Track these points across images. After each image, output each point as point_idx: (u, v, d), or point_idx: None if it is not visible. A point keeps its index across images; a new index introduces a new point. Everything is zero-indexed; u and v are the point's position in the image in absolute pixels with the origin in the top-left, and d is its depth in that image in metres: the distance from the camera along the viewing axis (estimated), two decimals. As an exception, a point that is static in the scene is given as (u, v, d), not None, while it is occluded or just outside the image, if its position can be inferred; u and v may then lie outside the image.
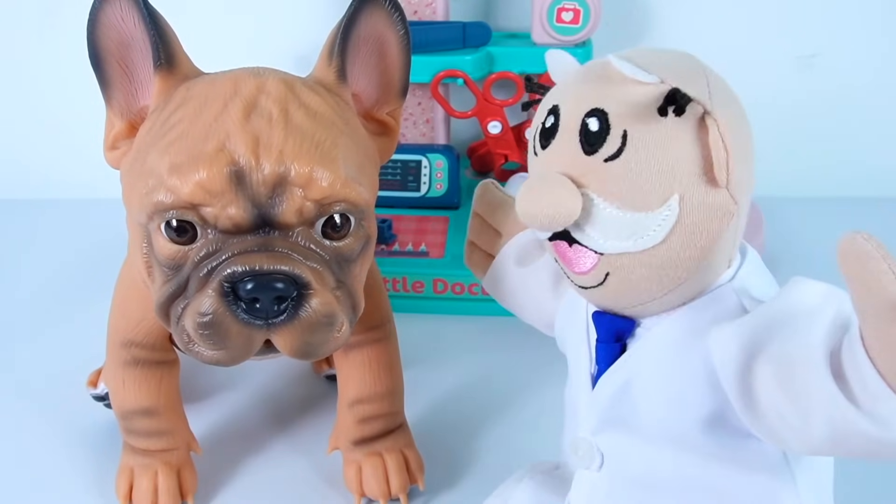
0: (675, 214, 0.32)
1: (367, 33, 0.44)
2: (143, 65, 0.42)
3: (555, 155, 0.34)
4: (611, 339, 0.37)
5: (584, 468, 0.39)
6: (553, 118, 0.35)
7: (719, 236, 0.33)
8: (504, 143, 0.80)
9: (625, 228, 0.33)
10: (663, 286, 0.34)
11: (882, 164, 0.90)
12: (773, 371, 0.32)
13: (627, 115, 0.33)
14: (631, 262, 0.34)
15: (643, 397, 0.36)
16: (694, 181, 0.32)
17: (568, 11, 0.75)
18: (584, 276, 0.35)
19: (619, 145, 0.32)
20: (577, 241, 0.34)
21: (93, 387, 0.59)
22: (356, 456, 0.52)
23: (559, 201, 0.33)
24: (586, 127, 0.33)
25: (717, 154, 0.32)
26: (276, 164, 0.38)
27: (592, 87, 0.34)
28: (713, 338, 0.34)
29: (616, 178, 0.33)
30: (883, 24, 0.87)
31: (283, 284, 0.38)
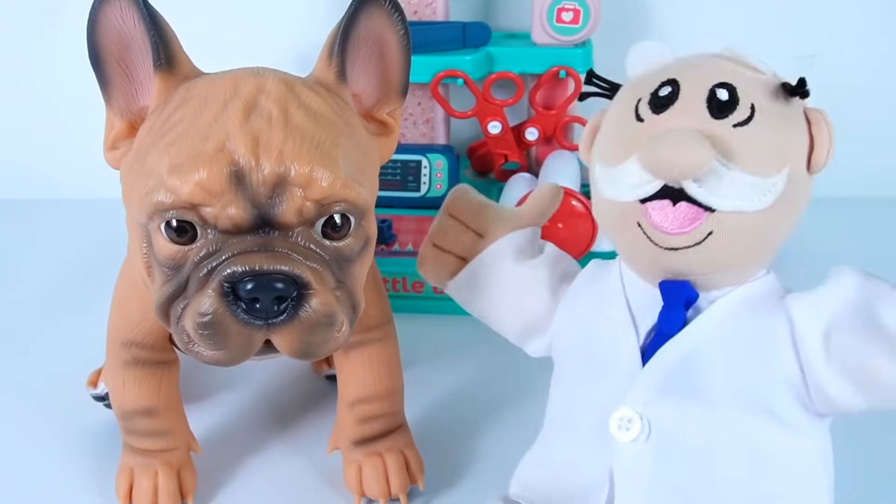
0: (782, 185, 0.36)
1: (367, 33, 0.44)
2: (143, 65, 0.42)
3: (678, 117, 0.37)
4: (680, 304, 0.39)
5: (629, 440, 0.38)
6: (670, 87, 0.38)
7: (799, 216, 0.38)
8: (504, 143, 0.80)
9: (744, 189, 0.36)
10: (752, 252, 0.38)
11: (882, 164, 0.90)
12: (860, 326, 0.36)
13: (754, 92, 0.37)
14: (737, 223, 0.36)
15: (715, 362, 0.38)
16: (799, 161, 0.37)
17: (568, 11, 0.76)
18: (682, 236, 0.37)
19: (748, 114, 0.36)
20: (689, 197, 0.36)
21: (93, 387, 0.59)
22: (356, 456, 0.52)
23: (700, 151, 0.35)
24: (715, 95, 0.37)
25: (822, 143, 0.38)
26: (276, 164, 0.38)
27: (716, 66, 0.38)
28: (795, 305, 0.38)
29: (743, 141, 0.36)
30: (883, 24, 0.87)
31: (283, 284, 0.38)
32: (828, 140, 0.38)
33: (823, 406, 0.37)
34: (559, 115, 0.79)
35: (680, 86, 0.38)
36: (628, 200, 0.38)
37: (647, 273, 0.40)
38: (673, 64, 0.40)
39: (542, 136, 0.79)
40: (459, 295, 0.49)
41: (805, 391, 0.37)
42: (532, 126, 0.79)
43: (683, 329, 0.38)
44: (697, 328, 0.38)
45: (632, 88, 0.40)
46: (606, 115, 0.41)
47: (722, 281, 0.39)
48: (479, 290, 0.47)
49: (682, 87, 0.38)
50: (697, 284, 0.39)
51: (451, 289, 0.49)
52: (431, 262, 0.49)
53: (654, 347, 0.39)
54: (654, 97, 0.38)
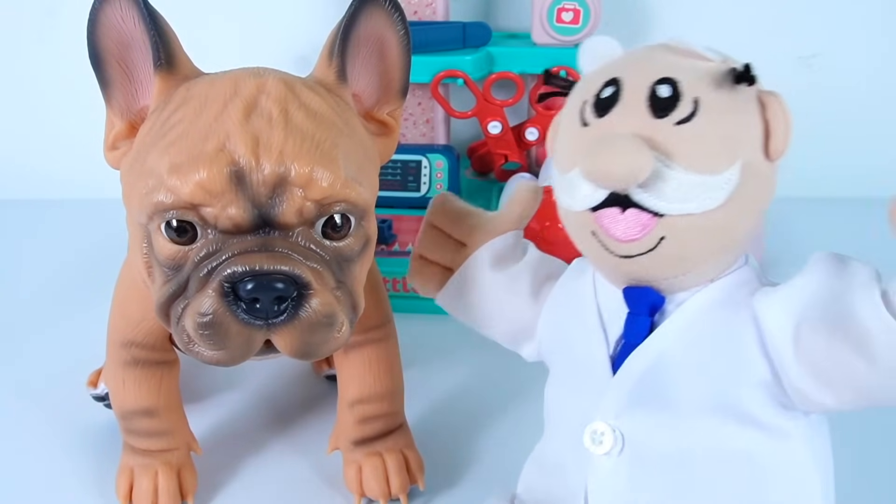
0: (735, 180, 0.34)
1: (367, 33, 0.44)
2: (143, 65, 0.42)
3: (619, 120, 0.36)
4: (644, 311, 0.38)
5: (603, 454, 0.38)
6: (613, 88, 0.36)
7: (763, 209, 0.36)
8: (504, 143, 0.80)
9: (691, 190, 0.34)
10: (710, 253, 0.36)
11: (882, 164, 0.90)
12: (831, 321, 0.34)
13: (698, 84, 0.35)
14: (689, 225, 0.35)
15: (682, 369, 0.37)
16: (755, 151, 0.35)
17: (568, 11, 0.76)
18: (633, 243, 0.36)
19: (690, 110, 0.34)
20: (636, 203, 0.35)
21: (93, 387, 0.59)
22: (356, 456, 0.52)
23: (636, 157, 0.34)
24: (655, 94, 0.35)
25: (778, 127, 0.35)
26: (276, 164, 0.38)
27: (659, 61, 0.36)
28: (762, 303, 0.36)
29: (686, 140, 0.34)
30: (883, 24, 0.87)
31: (284, 284, 0.38)
32: (783, 124, 0.35)
33: (802, 404, 0.36)
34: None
35: (621, 85, 0.36)
36: (579, 210, 0.37)
37: (612, 279, 0.39)
38: (617, 61, 0.38)
39: (542, 136, 0.79)
40: (449, 306, 0.48)
41: (780, 390, 0.36)
42: (532, 126, 0.79)
43: (648, 337, 0.37)
44: (662, 335, 0.37)
45: (578, 90, 0.39)
46: (561, 116, 0.40)
47: (685, 283, 0.37)
48: (466, 300, 0.46)
49: (623, 86, 0.36)
50: (661, 288, 0.37)
51: (441, 300, 0.48)
52: (418, 273, 0.48)
53: (623, 356, 0.38)
54: (597, 99, 0.37)
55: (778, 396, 0.36)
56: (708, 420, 0.37)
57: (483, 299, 0.46)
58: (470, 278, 0.46)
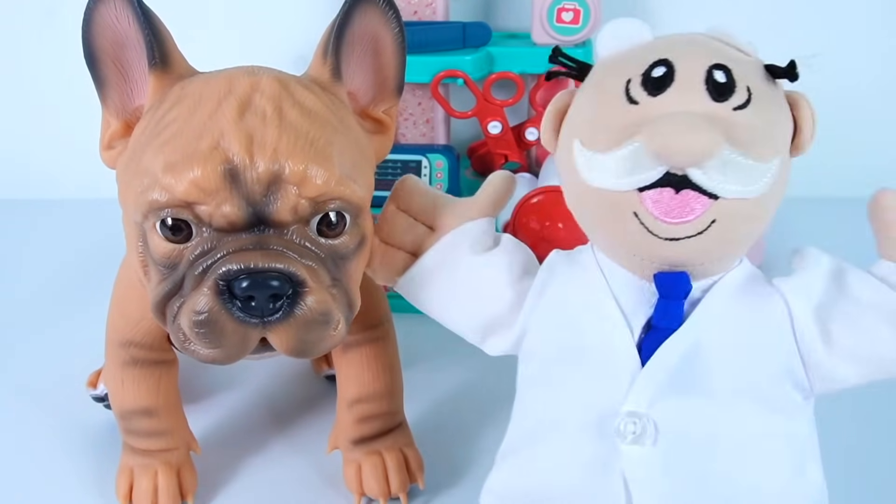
0: (777, 169, 0.36)
1: (362, 31, 0.44)
2: (138, 64, 0.42)
3: (678, 99, 0.35)
4: (680, 295, 0.37)
5: (637, 445, 0.37)
6: (664, 68, 0.36)
7: (781, 199, 0.37)
8: (504, 143, 0.80)
9: (747, 174, 0.35)
10: (746, 240, 0.37)
11: (882, 164, 0.90)
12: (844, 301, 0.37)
13: (747, 74, 0.36)
14: (738, 210, 0.35)
15: (719, 354, 0.37)
16: (787, 143, 0.37)
17: (568, 11, 0.75)
18: (684, 225, 0.35)
19: (746, 97, 0.35)
20: (693, 185, 0.35)
21: (92, 387, 0.59)
22: (356, 455, 0.52)
23: (711, 136, 0.34)
24: (712, 77, 0.35)
25: (807, 125, 0.37)
26: (270, 161, 0.38)
27: (707, 47, 0.37)
28: (788, 289, 0.38)
29: (745, 125, 0.35)
30: (883, 24, 0.87)
31: (279, 282, 0.38)
32: (811, 123, 0.37)
33: (822, 385, 0.38)
34: (559, 115, 0.79)
35: (674, 66, 0.36)
36: (623, 189, 0.36)
37: (640, 265, 0.38)
38: (658, 43, 0.38)
39: (542, 136, 0.79)
40: (410, 292, 0.45)
41: (803, 373, 0.38)
42: (532, 126, 0.79)
43: (684, 323, 0.37)
44: (698, 320, 0.38)
45: (613, 68, 0.38)
46: (580, 98, 0.39)
47: (714, 269, 0.38)
48: (432, 286, 0.44)
49: (676, 67, 0.36)
50: (692, 274, 0.37)
51: (402, 286, 0.45)
52: (379, 258, 0.45)
53: (650, 343, 0.38)
54: (646, 77, 0.36)
55: (800, 382, 0.38)
56: (740, 405, 0.37)
57: (453, 285, 0.44)
58: (440, 262, 0.44)
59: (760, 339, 0.38)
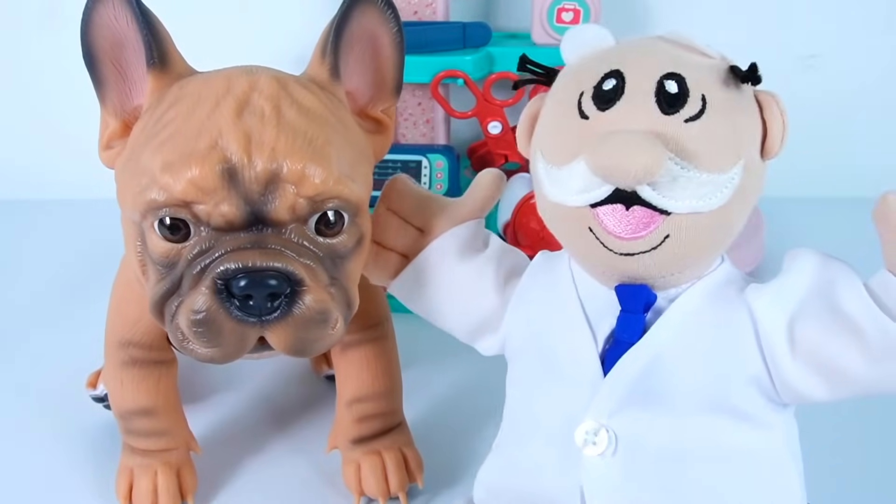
0: (738, 179, 0.35)
1: (360, 31, 0.44)
2: (137, 64, 0.43)
3: (626, 114, 0.35)
4: (639, 309, 0.37)
5: (596, 455, 0.37)
6: (615, 80, 0.35)
7: (752, 207, 0.36)
8: (504, 143, 0.80)
9: (700, 188, 0.34)
10: (709, 250, 0.36)
11: (882, 164, 0.90)
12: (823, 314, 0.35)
13: (704, 81, 0.35)
14: (694, 223, 0.35)
15: (679, 366, 0.37)
16: (753, 149, 0.35)
17: (568, 11, 0.76)
18: (636, 241, 0.35)
19: (699, 107, 0.34)
20: (643, 201, 0.34)
21: (92, 388, 0.59)
22: (355, 455, 0.52)
23: (651, 155, 0.33)
24: (663, 88, 0.34)
25: (775, 127, 0.35)
26: (268, 161, 0.38)
27: (662, 54, 0.36)
28: (756, 299, 0.36)
29: (695, 138, 0.34)
30: (883, 24, 0.87)
31: (277, 281, 0.38)
32: (781, 125, 0.35)
33: (789, 398, 0.37)
34: (559, 115, 0.79)
35: (625, 78, 0.35)
36: (577, 205, 0.35)
37: (602, 277, 0.38)
38: (614, 52, 0.37)
39: (542, 136, 0.79)
40: (403, 295, 0.46)
41: (770, 384, 0.36)
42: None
43: (644, 336, 0.37)
44: (658, 334, 0.37)
45: (572, 77, 0.37)
46: (546, 105, 0.39)
47: (680, 279, 0.37)
48: (424, 289, 0.45)
49: (627, 79, 0.35)
50: (655, 286, 0.37)
51: (395, 289, 0.46)
52: (373, 260, 0.45)
53: (613, 354, 0.37)
54: (597, 91, 0.35)
55: (767, 391, 0.37)
56: (703, 417, 0.36)
57: (443, 289, 0.44)
58: (430, 266, 0.44)
59: (723, 350, 0.37)
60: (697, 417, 0.37)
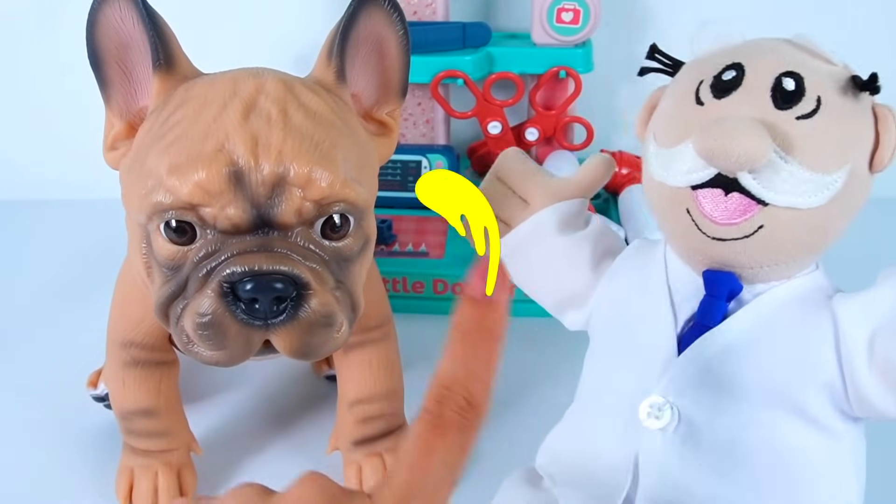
0: (841, 182, 0.35)
1: (367, 33, 0.44)
2: (143, 65, 0.42)
3: (739, 104, 0.35)
4: (723, 295, 0.38)
5: (658, 428, 0.38)
6: (735, 72, 0.36)
7: (854, 217, 0.37)
8: (504, 143, 0.80)
9: (801, 184, 0.34)
10: (802, 250, 0.36)
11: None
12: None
13: (822, 84, 0.35)
14: (790, 219, 0.35)
15: (753, 358, 0.37)
16: (862, 158, 0.36)
17: (568, 11, 0.75)
18: (730, 227, 0.36)
19: (813, 107, 0.35)
20: (742, 188, 0.35)
21: (93, 387, 0.59)
22: (356, 456, 0.52)
23: (756, 141, 0.33)
24: (780, 85, 0.35)
25: (888, 140, 0.36)
26: (275, 164, 0.38)
27: (785, 54, 0.36)
28: (843, 306, 0.37)
29: (805, 135, 0.35)
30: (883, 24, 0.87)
31: (283, 285, 0.38)
32: (893, 139, 0.36)
33: (861, 411, 0.37)
34: (559, 116, 0.79)
35: (745, 71, 0.36)
36: (679, 186, 0.36)
37: (693, 260, 0.39)
38: (740, 46, 0.38)
39: (542, 136, 0.79)
40: (508, 263, 0.47)
41: (843, 395, 0.36)
42: (532, 126, 0.79)
43: (723, 321, 0.38)
44: (738, 322, 0.37)
45: (694, 68, 0.38)
46: (665, 94, 0.40)
47: (768, 275, 0.37)
48: (520, 258, 0.45)
49: (747, 72, 0.36)
50: (742, 277, 0.38)
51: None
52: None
53: (691, 337, 0.38)
54: (716, 81, 0.36)
55: (839, 401, 0.37)
56: (769, 412, 0.37)
57: (540, 261, 0.45)
58: (530, 235, 0.45)
59: (800, 350, 0.37)
60: (763, 411, 0.37)
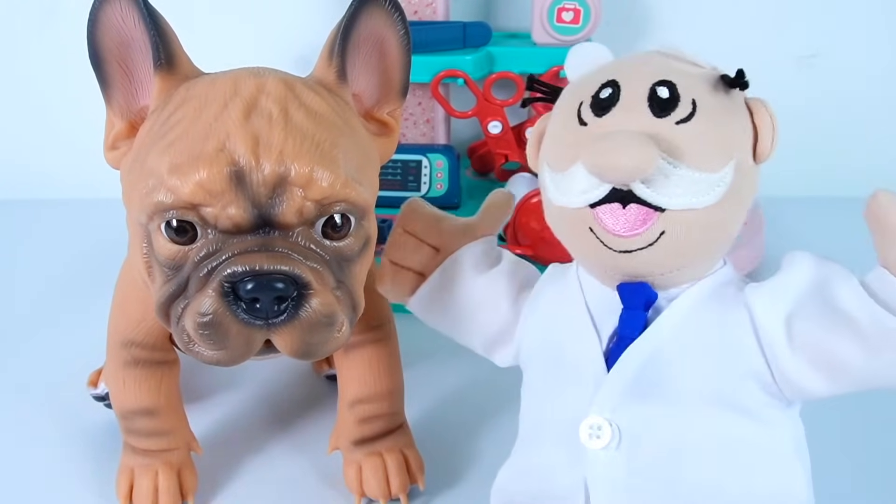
0: (730, 178, 0.36)
1: (368, 33, 0.44)
2: (144, 65, 0.42)
3: (620, 119, 0.37)
4: (640, 306, 0.38)
5: (600, 448, 0.38)
6: (611, 89, 0.37)
7: (748, 207, 0.38)
8: (504, 142, 0.80)
9: (692, 185, 0.36)
10: (707, 248, 0.38)
11: (882, 165, 0.90)
12: (820, 310, 0.36)
13: (695, 86, 0.37)
14: (689, 220, 0.36)
15: (678, 361, 0.38)
16: (745, 152, 0.37)
17: (568, 11, 0.76)
18: (634, 238, 0.36)
19: (690, 110, 0.36)
20: (639, 199, 0.36)
21: (93, 387, 0.59)
22: (356, 456, 0.52)
23: (642, 151, 0.35)
24: (656, 94, 0.36)
25: (765, 131, 0.37)
26: (276, 164, 0.38)
27: (655, 64, 0.38)
28: (754, 296, 0.38)
29: (687, 139, 0.36)
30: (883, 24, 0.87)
31: (283, 284, 0.38)
32: (770, 129, 0.37)
33: (791, 393, 0.38)
34: (559, 115, 0.79)
35: (620, 86, 0.37)
36: (578, 206, 0.37)
37: (605, 277, 0.40)
38: (612, 64, 0.39)
39: (542, 135, 0.79)
40: (421, 312, 0.48)
41: (772, 381, 0.37)
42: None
43: (644, 331, 0.38)
44: (658, 329, 0.38)
45: (572, 92, 0.40)
46: (550, 120, 0.41)
47: (679, 278, 0.38)
48: (440, 305, 0.47)
49: (622, 87, 0.37)
50: (655, 284, 0.38)
51: (413, 305, 0.48)
52: (389, 279, 0.48)
53: (617, 351, 0.39)
54: (595, 99, 0.38)
55: (768, 386, 0.38)
56: (704, 410, 0.37)
57: (459, 303, 0.46)
58: (447, 282, 0.46)
59: (722, 345, 0.38)
60: (698, 411, 0.37)
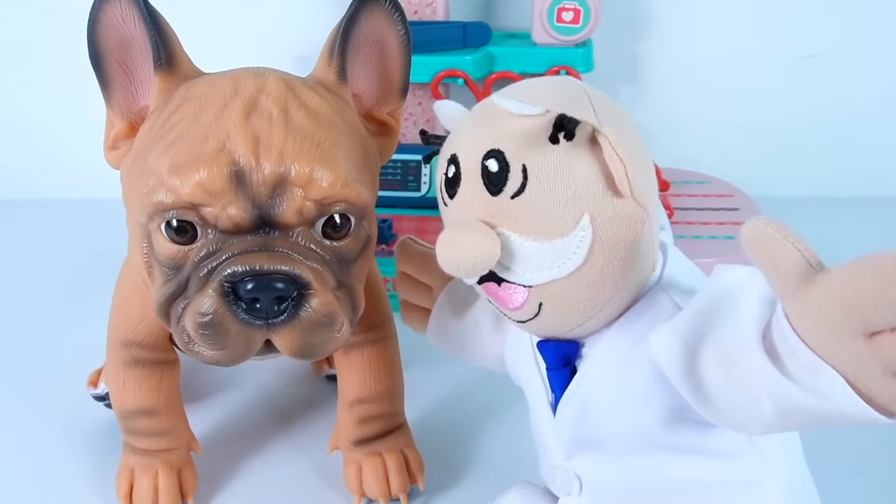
0: (589, 234, 0.33)
1: (368, 33, 0.44)
2: (144, 65, 0.42)
3: (463, 202, 0.35)
4: (559, 365, 0.38)
5: (566, 495, 0.40)
6: (454, 167, 0.36)
7: (637, 244, 0.34)
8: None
9: (546, 257, 0.34)
10: (596, 304, 0.35)
11: (882, 164, 0.90)
12: (716, 361, 0.32)
13: (523, 150, 0.33)
14: (560, 288, 0.34)
15: (602, 413, 0.37)
16: (599, 198, 0.33)
17: (568, 11, 0.75)
18: (519, 311, 0.36)
19: (521, 180, 0.33)
20: (504, 279, 0.35)
21: (93, 387, 0.59)
22: (356, 456, 0.52)
23: (477, 246, 0.34)
24: (486, 169, 0.34)
25: (614, 167, 0.33)
26: (276, 164, 0.38)
27: (484, 130, 0.35)
28: (653, 340, 0.34)
29: (525, 212, 0.34)
30: (883, 24, 0.87)
31: (284, 284, 0.38)
32: (620, 165, 0.33)
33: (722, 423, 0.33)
34: (559, 115, 0.79)
35: (459, 162, 0.35)
36: (470, 284, 0.37)
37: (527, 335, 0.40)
38: (456, 132, 0.37)
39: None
40: (436, 344, 0.49)
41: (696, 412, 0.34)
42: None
43: (572, 382, 0.38)
44: (583, 381, 0.37)
45: (440, 163, 0.37)
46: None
47: (591, 327, 0.36)
48: (447, 337, 0.48)
49: (461, 163, 0.35)
50: (572, 337, 0.37)
51: (429, 339, 0.49)
52: (406, 316, 0.50)
53: (556, 404, 0.39)
54: (445, 178, 0.36)
55: (701, 420, 0.34)
56: (640, 456, 0.37)
57: (461, 335, 0.47)
58: (444, 317, 0.47)
59: (635, 389, 0.36)
60: (634, 456, 0.37)
